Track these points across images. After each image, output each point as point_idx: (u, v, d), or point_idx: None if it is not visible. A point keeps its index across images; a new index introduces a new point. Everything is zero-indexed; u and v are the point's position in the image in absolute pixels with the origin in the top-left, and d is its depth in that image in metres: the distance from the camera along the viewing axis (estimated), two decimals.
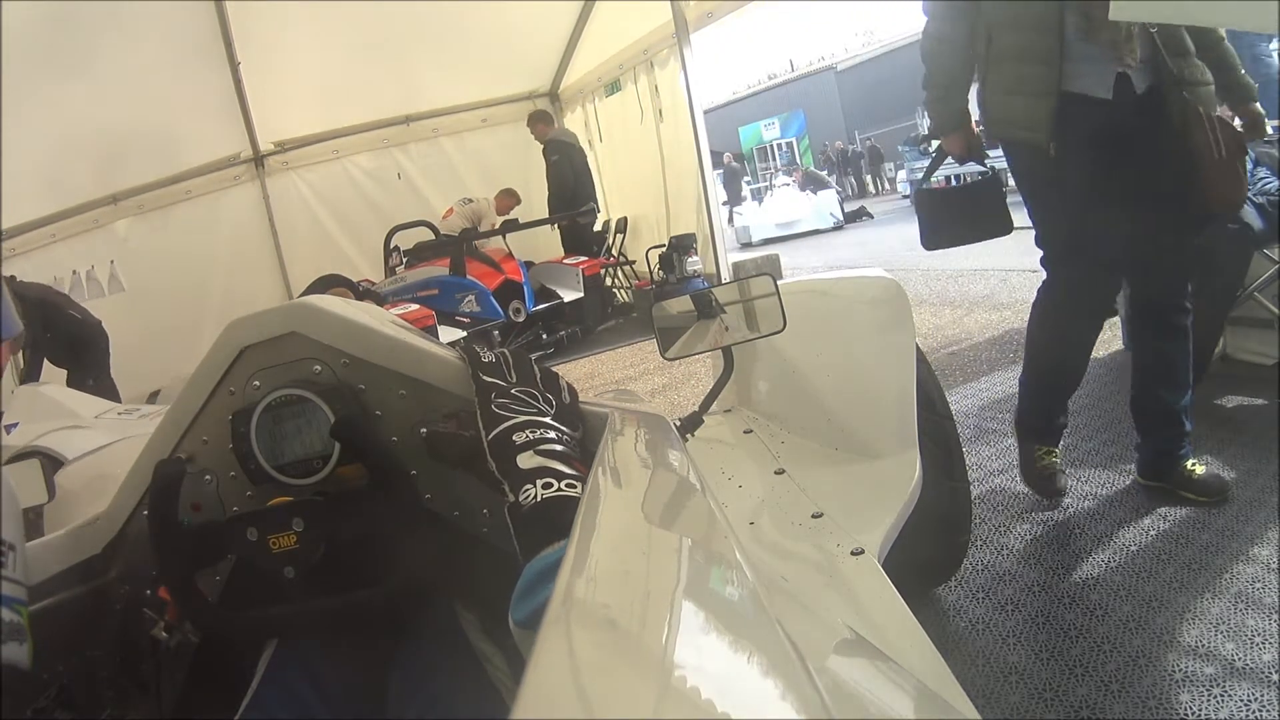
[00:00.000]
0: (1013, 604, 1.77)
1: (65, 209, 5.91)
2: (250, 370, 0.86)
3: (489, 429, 0.72)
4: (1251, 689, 1.39)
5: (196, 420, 0.86)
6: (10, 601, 0.61)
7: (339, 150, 6.89)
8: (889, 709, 0.56)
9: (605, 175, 7.52)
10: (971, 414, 2.97)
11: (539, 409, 0.76)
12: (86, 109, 5.23)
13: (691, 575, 0.53)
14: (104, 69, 5.13)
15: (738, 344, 1.30)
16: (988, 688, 1.53)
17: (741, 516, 1.23)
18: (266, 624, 0.82)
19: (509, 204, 6.70)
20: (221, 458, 0.86)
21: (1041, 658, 1.58)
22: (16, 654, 0.60)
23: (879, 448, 1.41)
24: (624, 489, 0.71)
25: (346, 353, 0.85)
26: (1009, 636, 1.66)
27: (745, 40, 62.89)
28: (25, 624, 0.62)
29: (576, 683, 0.36)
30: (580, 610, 0.44)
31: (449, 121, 7.23)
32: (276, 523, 0.80)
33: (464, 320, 5.38)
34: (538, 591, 0.55)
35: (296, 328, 0.85)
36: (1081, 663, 1.54)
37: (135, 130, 5.57)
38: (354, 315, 0.87)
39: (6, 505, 0.63)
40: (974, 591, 1.85)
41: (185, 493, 0.83)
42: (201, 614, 0.81)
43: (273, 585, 0.81)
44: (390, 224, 6.30)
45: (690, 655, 0.39)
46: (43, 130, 5.06)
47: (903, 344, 1.48)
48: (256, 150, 6.54)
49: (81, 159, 5.57)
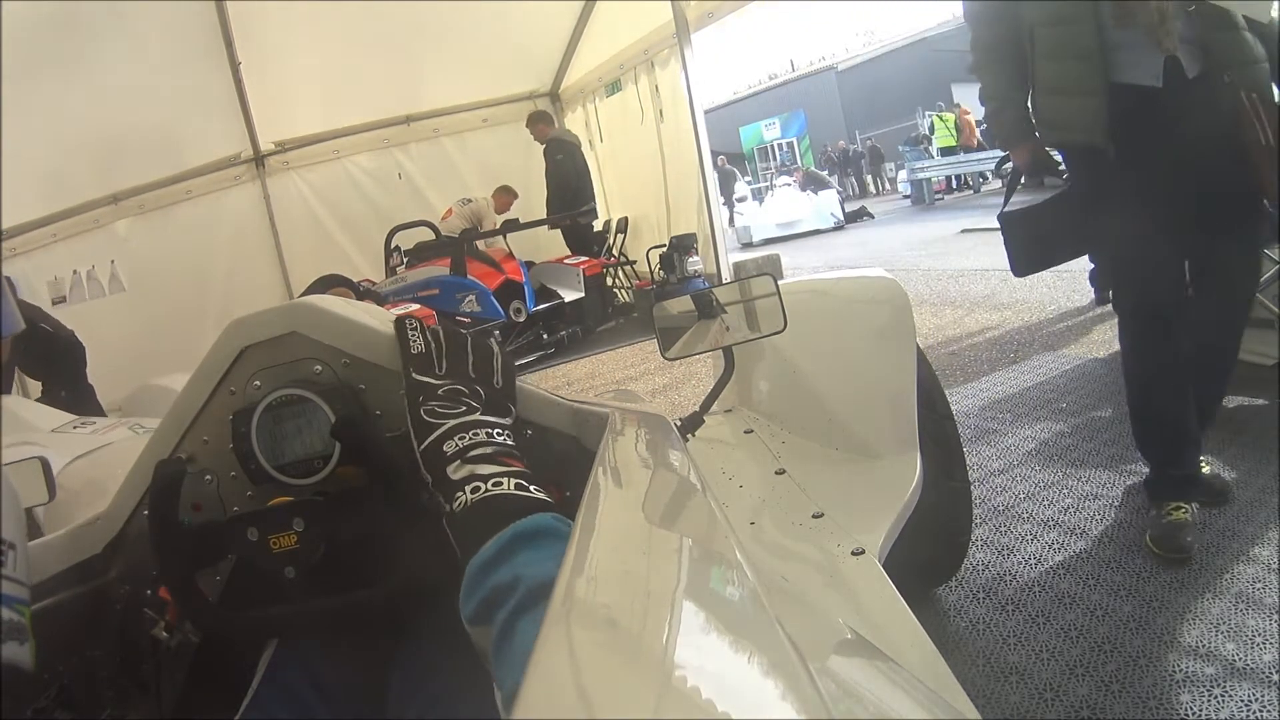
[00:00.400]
0: (1013, 604, 1.77)
1: (66, 209, 5.90)
2: (251, 370, 0.86)
3: (420, 439, 0.72)
4: (1252, 689, 1.39)
5: (197, 420, 0.86)
6: (11, 601, 0.60)
7: (340, 150, 6.88)
8: (889, 709, 0.56)
9: (606, 175, 7.52)
10: (972, 414, 2.97)
11: (468, 406, 0.75)
12: (87, 109, 5.23)
13: (692, 575, 0.53)
14: (105, 69, 5.13)
15: (738, 344, 1.30)
16: (988, 688, 1.53)
17: (742, 516, 1.23)
18: (267, 624, 0.82)
19: (507, 201, 6.70)
20: (222, 458, 0.86)
21: (1042, 658, 1.58)
22: (18, 654, 0.60)
23: (880, 448, 1.41)
24: (625, 489, 0.71)
25: (347, 353, 0.85)
26: (1009, 637, 1.67)
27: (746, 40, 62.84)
28: (27, 624, 0.62)
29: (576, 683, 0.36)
30: (580, 610, 0.44)
31: (450, 121, 7.23)
32: (277, 523, 0.80)
33: (465, 320, 5.38)
34: (479, 587, 0.58)
35: (297, 327, 0.85)
36: (1082, 663, 1.54)
37: (136, 130, 5.57)
38: (355, 315, 0.87)
39: (7, 505, 0.63)
40: (974, 592, 1.85)
41: (185, 492, 0.83)
42: (202, 614, 0.81)
43: (273, 585, 0.81)
44: (391, 224, 6.30)
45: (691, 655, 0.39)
46: (43, 130, 5.06)
47: (903, 344, 1.48)
48: (257, 150, 6.53)
49: (82, 159, 5.57)
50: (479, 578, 0.59)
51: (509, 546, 0.59)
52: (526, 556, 0.58)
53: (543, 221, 6.72)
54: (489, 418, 0.74)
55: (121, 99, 5.28)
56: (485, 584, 0.58)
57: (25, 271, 5.81)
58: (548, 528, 0.61)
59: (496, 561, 0.59)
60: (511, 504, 0.64)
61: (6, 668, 0.58)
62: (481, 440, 0.71)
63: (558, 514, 0.63)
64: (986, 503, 2.25)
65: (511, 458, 0.70)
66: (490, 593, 0.57)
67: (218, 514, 0.86)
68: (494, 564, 0.59)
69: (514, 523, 0.61)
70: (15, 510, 0.64)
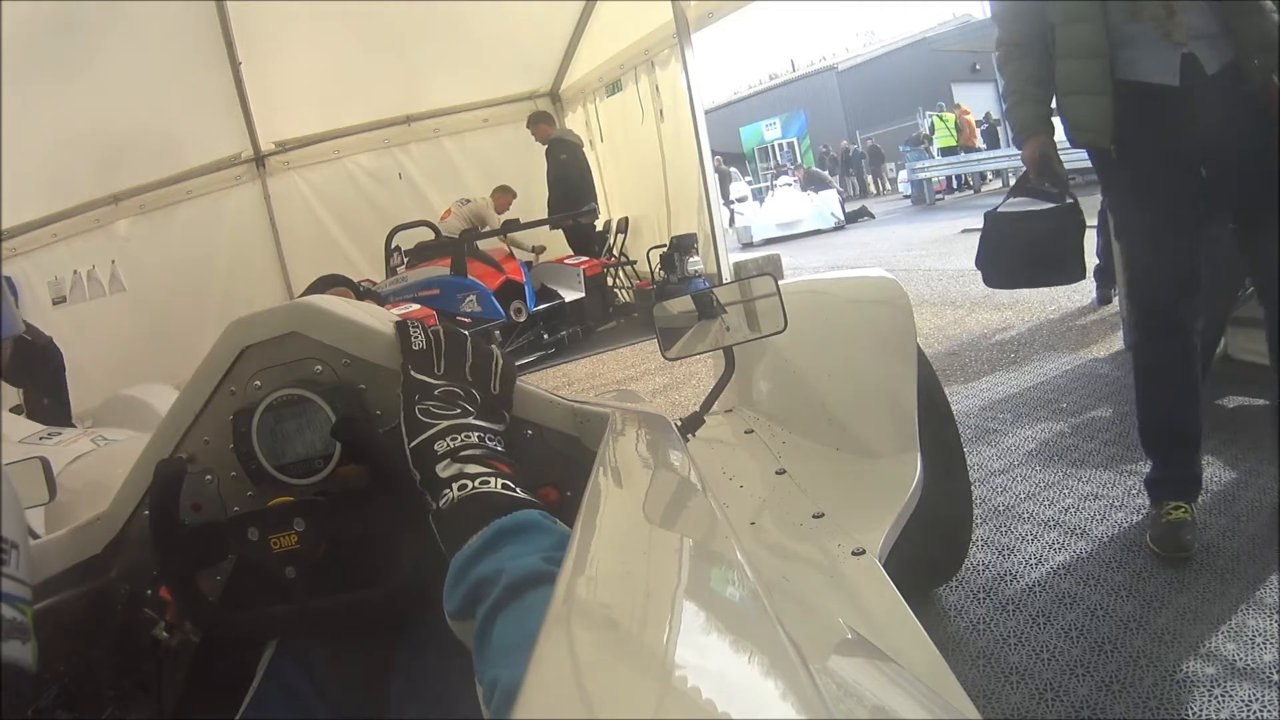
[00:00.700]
0: (1014, 604, 1.77)
1: (66, 209, 5.92)
2: (251, 370, 0.86)
3: (411, 436, 0.72)
4: (1252, 689, 1.39)
5: (197, 420, 0.86)
6: (13, 599, 0.60)
7: (340, 150, 6.89)
8: (889, 709, 0.56)
9: (606, 175, 7.52)
10: (972, 414, 2.97)
11: (463, 409, 0.75)
12: (87, 109, 5.23)
13: (692, 575, 0.53)
14: (105, 69, 5.14)
15: (739, 344, 1.30)
16: (989, 688, 1.53)
17: (743, 516, 1.23)
18: (267, 624, 0.82)
19: (506, 201, 6.69)
20: (222, 457, 0.86)
21: (1042, 658, 1.58)
22: (19, 653, 0.60)
23: (880, 448, 1.41)
24: (625, 489, 0.71)
25: (348, 352, 0.85)
26: (1010, 637, 1.66)
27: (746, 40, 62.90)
28: (29, 623, 0.62)
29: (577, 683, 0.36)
30: (581, 610, 0.44)
31: (450, 121, 7.23)
32: (277, 522, 0.80)
33: (465, 320, 5.38)
34: (463, 581, 0.58)
35: (297, 327, 0.85)
36: (1082, 663, 1.54)
37: (136, 130, 5.58)
38: (355, 315, 0.87)
39: (8, 504, 0.63)
40: (975, 592, 1.85)
41: (186, 492, 0.83)
42: (202, 614, 0.81)
43: (274, 585, 0.81)
44: (391, 224, 6.30)
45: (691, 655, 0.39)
46: (44, 130, 5.07)
47: (904, 344, 1.48)
48: (258, 150, 6.54)
49: (82, 159, 5.57)
50: (462, 572, 0.59)
51: (493, 541, 0.60)
52: (510, 550, 0.58)
53: (544, 221, 6.72)
54: (481, 422, 0.74)
55: (122, 99, 5.29)
56: (468, 578, 0.58)
57: (26, 271, 5.82)
58: (532, 522, 0.61)
59: (480, 556, 0.59)
60: (496, 500, 0.64)
61: (8, 667, 0.58)
62: (473, 443, 0.71)
63: (544, 511, 0.64)
64: (987, 503, 2.25)
65: (500, 462, 0.70)
66: (473, 587, 0.57)
67: (218, 514, 0.86)
68: (477, 558, 0.59)
69: (498, 518, 0.61)
70: (16, 510, 0.64)
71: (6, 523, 0.62)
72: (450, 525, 0.64)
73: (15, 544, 0.62)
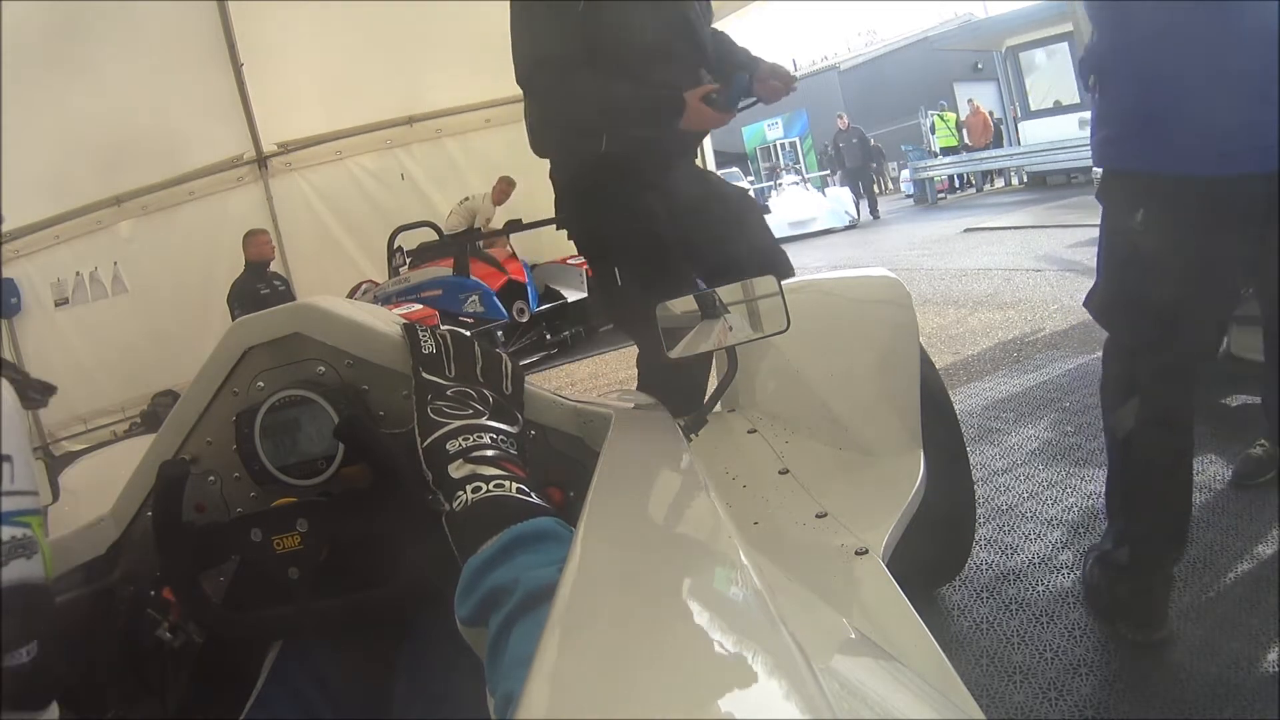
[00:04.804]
0: (1017, 603, 1.77)
1: (69, 210, 5.92)
2: (254, 371, 0.86)
3: (424, 435, 0.72)
4: (1255, 688, 1.38)
5: (201, 421, 0.87)
6: (10, 516, 0.58)
7: (342, 151, 6.87)
8: (893, 709, 0.56)
9: None
10: (975, 413, 2.96)
11: (475, 409, 0.75)
12: (90, 110, 5.25)
13: (695, 575, 0.53)
14: (107, 70, 5.15)
15: (741, 344, 1.29)
16: (992, 687, 1.52)
17: (745, 516, 1.22)
18: (271, 625, 0.82)
19: (506, 190, 6.63)
20: (225, 458, 0.86)
21: (1045, 657, 1.58)
22: (26, 570, 0.58)
23: (883, 447, 1.41)
24: (628, 490, 0.71)
25: (350, 353, 0.85)
26: (1013, 636, 1.66)
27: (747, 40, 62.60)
28: (36, 534, 0.60)
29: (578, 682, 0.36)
30: (585, 609, 0.44)
31: (452, 122, 7.21)
32: (280, 523, 0.80)
33: (468, 320, 5.39)
34: (477, 588, 0.58)
35: (300, 329, 0.85)
36: (1085, 661, 1.54)
37: (138, 131, 5.59)
38: (358, 316, 0.87)
39: (6, 415, 0.61)
40: (978, 591, 1.84)
41: (189, 493, 0.83)
42: (206, 615, 0.81)
43: (277, 586, 0.81)
44: (394, 224, 6.30)
45: (694, 655, 0.39)
46: (46, 132, 5.08)
47: (906, 343, 1.48)
48: (260, 151, 6.54)
49: (85, 160, 5.59)
50: (476, 578, 0.58)
51: (508, 548, 0.59)
52: (526, 559, 0.58)
53: (548, 221, 6.69)
54: (495, 423, 0.74)
55: (124, 100, 5.30)
56: (483, 585, 0.57)
57: (28, 273, 5.84)
58: (549, 531, 0.61)
59: (495, 563, 0.58)
60: (512, 506, 0.63)
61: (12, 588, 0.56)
62: (486, 444, 0.71)
63: (559, 519, 0.63)
64: (990, 502, 2.25)
65: (514, 465, 0.70)
66: (487, 594, 0.56)
67: (221, 515, 0.87)
68: (492, 565, 0.58)
69: (514, 524, 0.61)
70: (14, 420, 0.61)
71: (5, 436, 0.59)
72: (464, 528, 0.63)
73: (10, 456, 0.59)
